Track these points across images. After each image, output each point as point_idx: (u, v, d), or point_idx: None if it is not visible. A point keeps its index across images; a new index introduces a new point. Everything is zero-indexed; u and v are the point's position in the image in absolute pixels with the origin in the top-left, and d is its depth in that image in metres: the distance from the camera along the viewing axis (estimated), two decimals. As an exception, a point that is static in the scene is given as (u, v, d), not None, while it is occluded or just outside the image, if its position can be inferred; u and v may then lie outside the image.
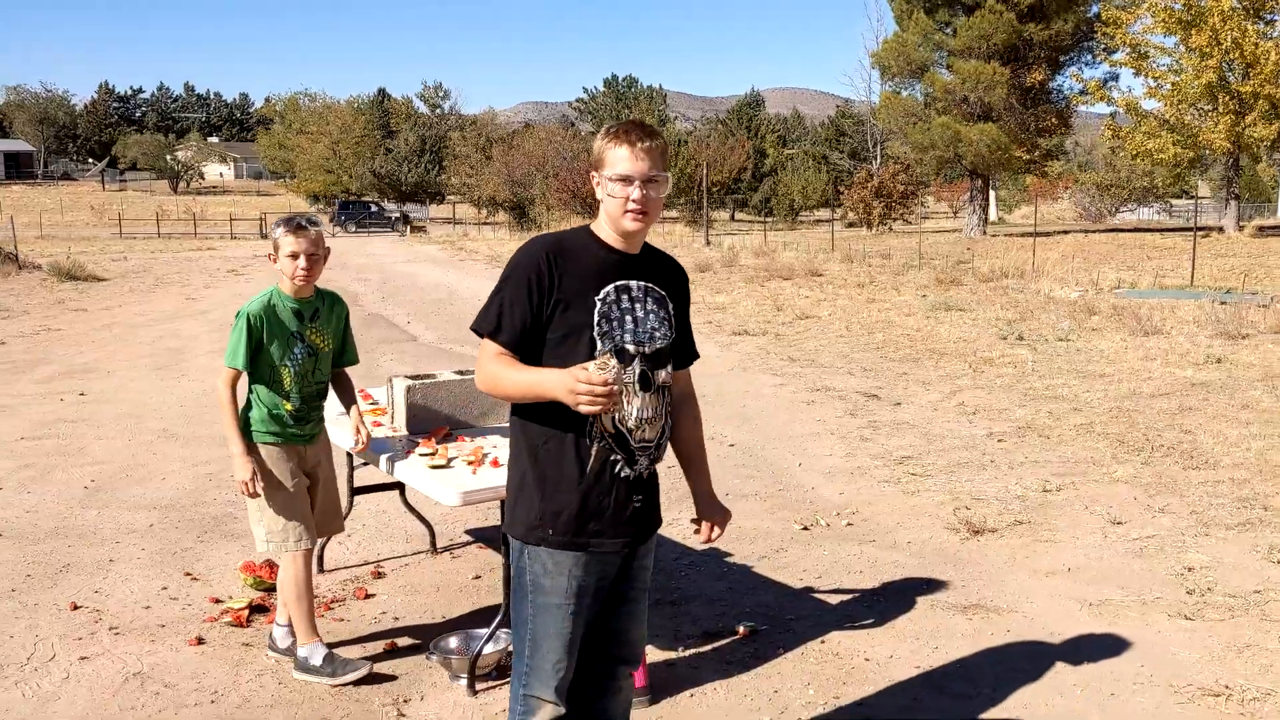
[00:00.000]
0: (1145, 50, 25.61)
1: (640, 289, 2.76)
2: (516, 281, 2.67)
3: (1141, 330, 12.44)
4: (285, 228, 4.03)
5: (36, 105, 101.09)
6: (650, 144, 2.68)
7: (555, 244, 2.71)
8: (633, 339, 2.71)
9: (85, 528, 5.95)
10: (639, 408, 2.72)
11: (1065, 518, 6.05)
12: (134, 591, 5.02)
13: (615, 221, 2.70)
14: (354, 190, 66.99)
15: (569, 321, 2.67)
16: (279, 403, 4.06)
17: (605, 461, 2.69)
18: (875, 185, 42.30)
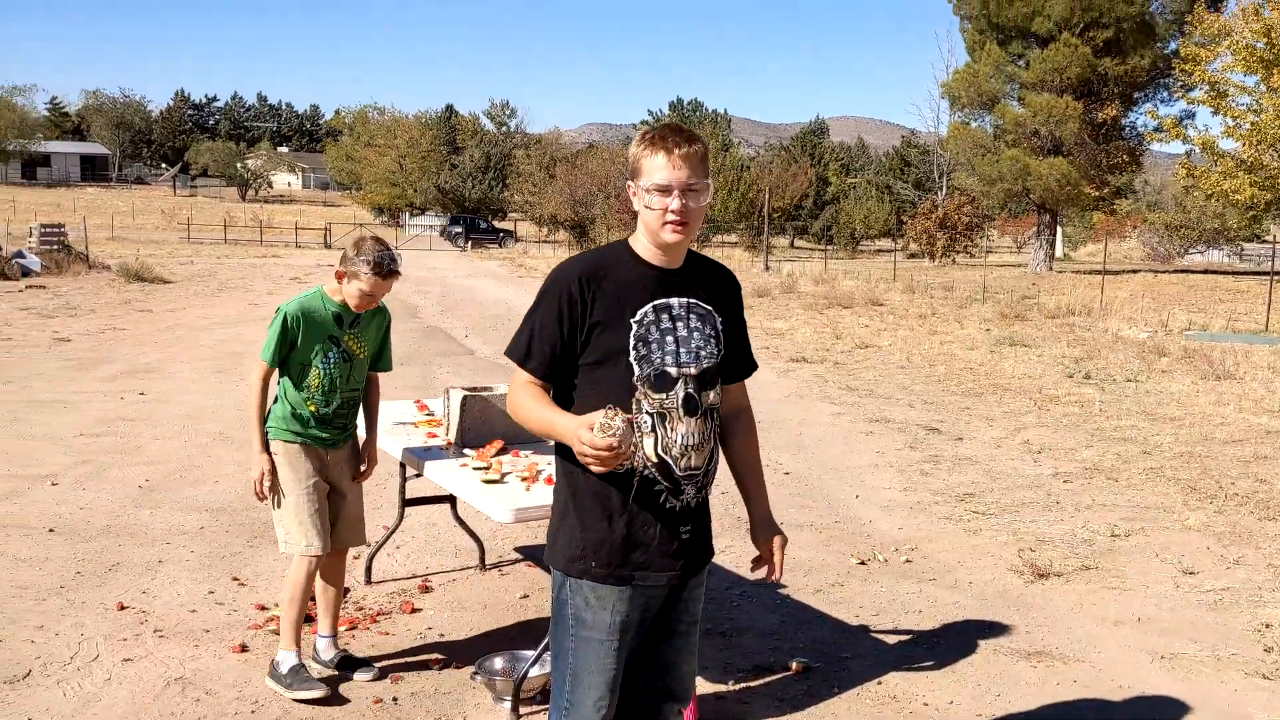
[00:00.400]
0: (1224, 89, 25.08)
1: (682, 306, 2.61)
2: (548, 307, 2.55)
3: (1214, 374, 12.08)
4: (372, 269, 3.91)
5: (114, 110, 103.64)
6: (689, 149, 2.52)
7: (589, 265, 2.57)
8: (674, 361, 2.56)
9: (137, 527, 5.95)
10: (683, 434, 2.57)
11: (1135, 565, 5.82)
12: (181, 594, 4.98)
13: (654, 234, 2.55)
14: (418, 204, 67.65)
15: (604, 345, 2.54)
16: (303, 402, 4.00)
17: (648, 491, 2.56)
18: (940, 216, 41.88)
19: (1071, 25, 33.45)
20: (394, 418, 4.96)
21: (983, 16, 35.89)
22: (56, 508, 6.24)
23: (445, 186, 66.23)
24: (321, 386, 4.01)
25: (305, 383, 3.99)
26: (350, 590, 5.10)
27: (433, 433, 4.67)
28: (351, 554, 5.56)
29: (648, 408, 2.55)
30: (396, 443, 4.52)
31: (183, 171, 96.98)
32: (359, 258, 3.92)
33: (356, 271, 3.93)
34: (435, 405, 5.15)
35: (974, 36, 37.05)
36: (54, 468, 7.13)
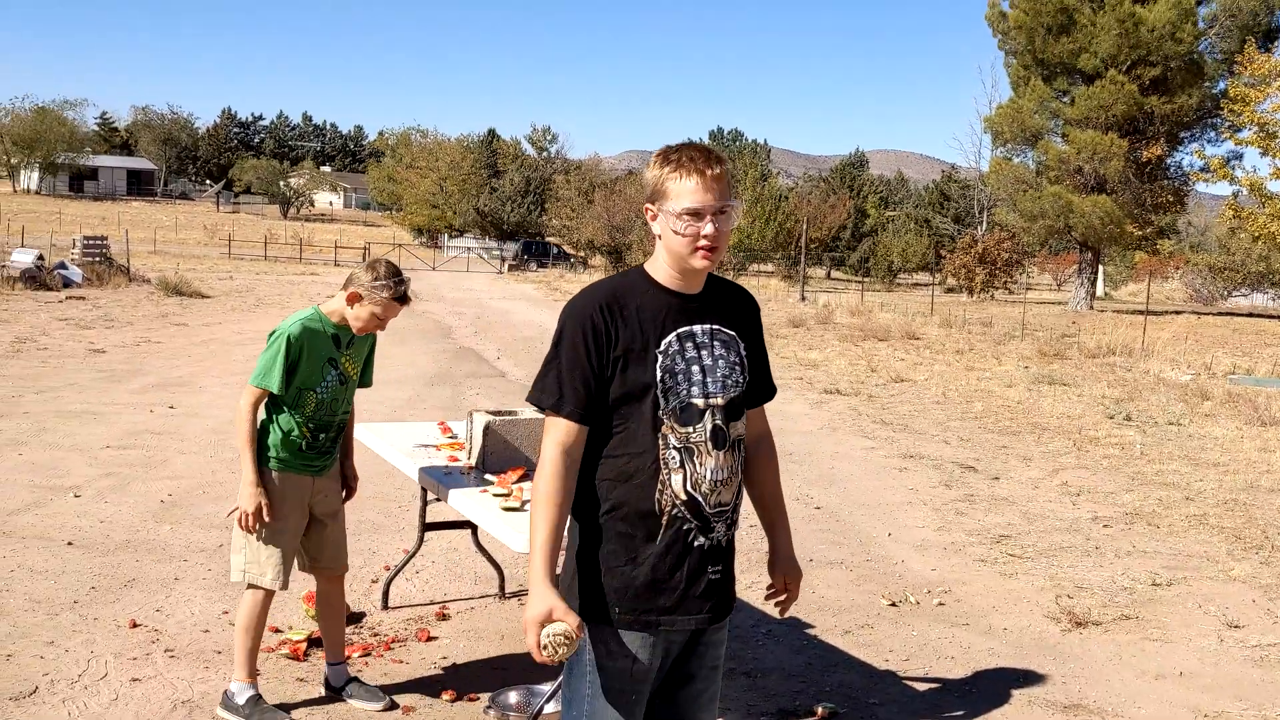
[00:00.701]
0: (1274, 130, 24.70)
1: (706, 333, 2.48)
2: (571, 342, 2.41)
3: (1259, 420, 11.79)
4: (392, 295, 3.81)
5: (162, 126, 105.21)
6: (719, 170, 2.40)
7: (608, 294, 2.43)
8: (701, 392, 2.43)
9: (156, 543, 5.88)
10: (713, 468, 2.44)
11: (1176, 616, 5.61)
12: (194, 613, 4.89)
13: (681, 260, 2.42)
14: (457, 226, 68.00)
15: (630, 380, 2.40)
16: (298, 428, 3.86)
17: (676, 531, 2.43)
18: (979, 251, 41.55)
19: (1119, 63, 33.18)
20: (416, 439, 4.86)
21: (1028, 52, 35.70)
22: (77, 520, 6.18)
23: (484, 209, 66.58)
24: (318, 411, 3.88)
25: (301, 407, 3.85)
26: (366, 615, 5.00)
27: (454, 456, 4.57)
28: (369, 579, 5.48)
29: (674, 442, 2.42)
30: (416, 464, 4.41)
31: (226, 188, 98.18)
32: (380, 283, 3.81)
33: (377, 297, 3.81)
34: (459, 428, 5.05)
35: (1018, 72, 36.83)
36: (78, 479, 7.09)
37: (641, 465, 2.41)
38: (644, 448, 2.41)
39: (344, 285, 3.90)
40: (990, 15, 36.90)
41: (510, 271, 48.24)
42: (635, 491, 2.41)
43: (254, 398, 3.79)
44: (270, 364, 3.75)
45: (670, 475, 2.41)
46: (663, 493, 2.41)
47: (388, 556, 5.85)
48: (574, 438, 2.41)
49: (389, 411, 10.20)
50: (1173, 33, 32.62)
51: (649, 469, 2.41)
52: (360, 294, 3.82)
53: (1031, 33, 34.87)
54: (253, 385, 3.79)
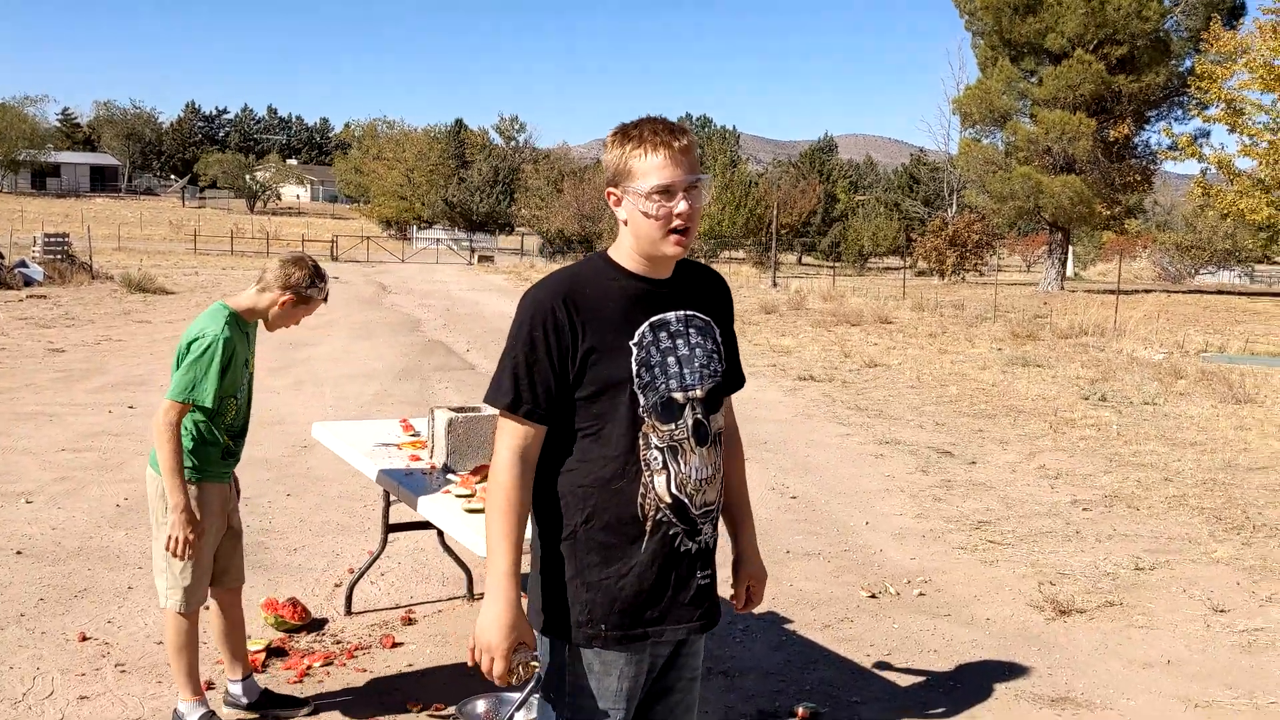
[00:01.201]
0: (1241, 106, 24.73)
1: (680, 320, 2.31)
2: (530, 338, 2.21)
3: (1233, 398, 11.75)
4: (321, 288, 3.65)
5: (125, 121, 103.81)
6: (686, 141, 2.21)
7: (569, 283, 2.24)
8: (679, 385, 2.26)
9: (109, 550, 5.66)
10: (698, 467, 2.28)
11: (1161, 601, 5.50)
12: (148, 624, 4.68)
13: (651, 244, 2.23)
14: (425, 217, 67.54)
15: (602, 376, 2.21)
16: (218, 436, 3.62)
17: (662, 536, 2.26)
18: (950, 234, 41.57)
19: (1085, 42, 33.20)
20: (377, 438, 4.67)
21: (995, 33, 35.66)
22: (27, 528, 5.95)
23: (453, 200, 66.13)
24: (237, 417, 3.67)
25: (221, 416, 3.60)
26: (329, 622, 4.81)
27: (416, 455, 4.38)
28: (333, 583, 5.29)
29: (656, 441, 2.24)
30: (376, 465, 4.22)
31: (192, 183, 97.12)
32: (318, 284, 3.64)
33: (309, 295, 3.63)
34: (421, 425, 4.86)
35: (986, 53, 36.80)
36: (30, 484, 6.86)
37: (621, 468, 2.23)
38: (622, 449, 2.23)
39: (260, 283, 3.65)
40: (957, -5, 36.87)
41: (481, 263, 47.91)
42: (615, 497, 2.23)
43: (178, 414, 3.46)
44: (203, 374, 3.46)
45: (653, 477, 2.24)
46: (645, 496, 2.24)
47: (352, 559, 5.66)
48: (531, 440, 2.24)
49: (355, 407, 9.98)
50: (1139, 10, 32.65)
51: (630, 472, 2.24)
52: (298, 294, 3.62)
53: (998, 13, 34.84)
54: (176, 400, 3.45)
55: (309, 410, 9.70)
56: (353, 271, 36.43)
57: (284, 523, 6.28)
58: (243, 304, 3.65)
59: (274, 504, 6.65)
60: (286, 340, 14.53)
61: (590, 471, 2.24)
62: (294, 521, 6.30)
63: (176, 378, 3.48)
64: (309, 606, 4.85)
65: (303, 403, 10.14)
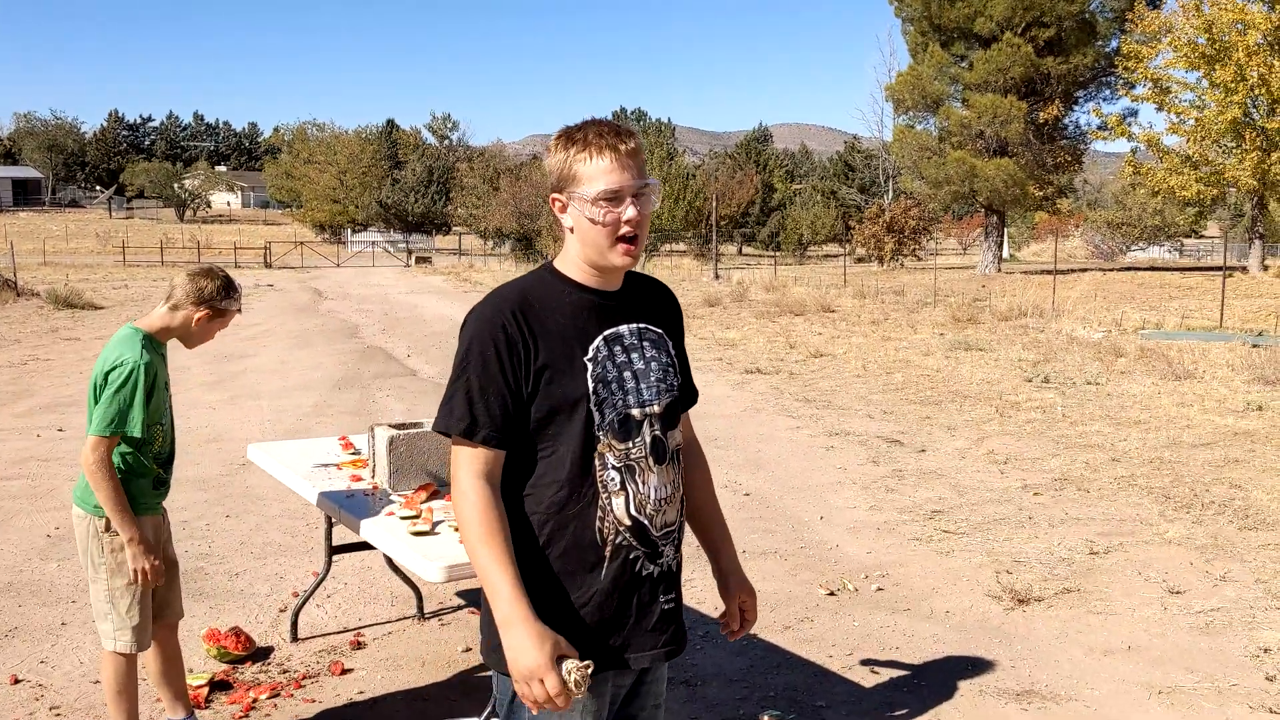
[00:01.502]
0: (1167, 85, 25.12)
1: (633, 333, 2.21)
2: (481, 357, 2.09)
3: (1173, 374, 11.89)
4: (237, 298, 3.50)
5: (46, 132, 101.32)
6: (633, 144, 2.11)
7: (519, 298, 2.12)
8: (636, 400, 2.16)
9: (41, 583, 5.42)
10: (656, 486, 2.18)
11: (1117, 585, 5.50)
12: (83, 662, 4.48)
13: (599, 253, 2.12)
14: (360, 220, 66.74)
15: (557, 394, 2.10)
16: (150, 468, 3.44)
17: (623, 561, 2.15)
18: (887, 220, 41.88)
19: (1013, 25, 33.54)
20: (315, 458, 4.49)
21: (924, 18, 35.92)
22: (-48, 564, 5.69)
23: (387, 201, 65.41)
24: (165, 442, 3.49)
25: (149, 444, 3.41)
26: (274, 650, 4.63)
27: (357, 475, 4.21)
28: (276, 608, 5.11)
29: (613, 461, 2.13)
30: (314, 487, 4.06)
31: (118, 193, 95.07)
32: (231, 294, 3.47)
33: (225, 308, 3.47)
34: (360, 442, 4.69)
35: (916, 38, 37.07)
36: (-46, 517, 6.57)
37: (576, 491, 2.12)
38: (577, 471, 2.12)
39: (170, 300, 3.47)
40: (885, -18, 37.04)
41: (418, 264, 47.41)
42: (572, 522, 2.12)
43: (108, 449, 3.27)
44: (128, 404, 3.27)
45: (611, 499, 2.13)
46: (604, 520, 2.13)
47: (296, 581, 5.48)
48: (492, 465, 2.11)
49: (294, 420, 9.74)
50: (1065, -9, 33.06)
51: (586, 495, 2.13)
52: (213, 308, 3.45)
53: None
54: (104, 435, 3.25)
55: (246, 426, 9.45)
56: (287, 278, 35.85)
57: (224, 546, 6.07)
58: (155, 324, 3.46)
59: (212, 526, 6.44)
60: (221, 353, 14.21)
61: (546, 497, 2.13)
62: (234, 544, 6.10)
63: (99, 411, 3.27)
64: (253, 635, 4.67)
65: (239, 418, 9.88)
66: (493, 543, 2.04)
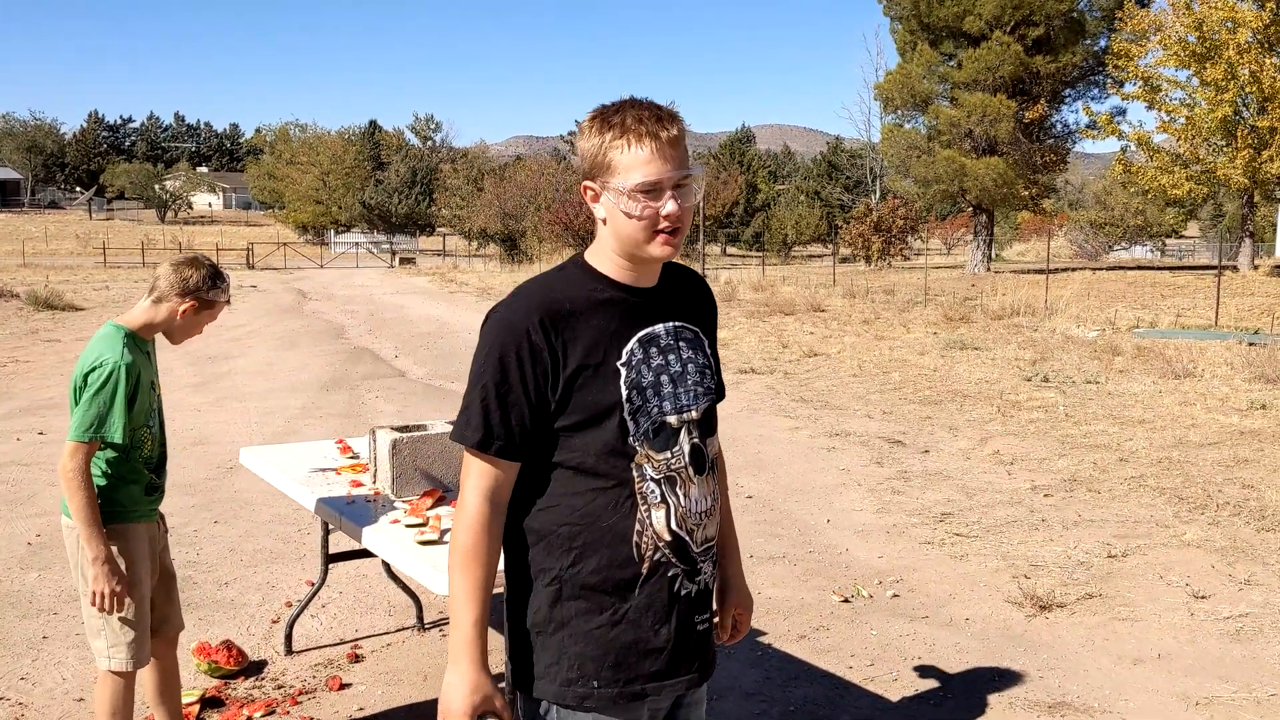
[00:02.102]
0: (1157, 84, 25.02)
1: (669, 333, 2.03)
2: (501, 365, 1.90)
3: (1172, 373, 11.76)
4: (225, 288, 3.27)
5: (25, 133, 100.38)
6: (676, 131, 1.91)
7: (546, 299, 1.93)
8: (674, 406, 1.98)
9: (21, 594, 5.18)
10: (697, 498, 2.00)
11: (1140, 589, 5.32)
12: (66, 678, 4.25)
13: (635, 246, 1.93)
14: (343, 221, 66.34)
15: (589, 403, 1.91)
16: (138, 472, 3.21)
17: (660, 579, 1.97)
18: (875, 220, 41.77)
19: (1003, 24, 33.45)
20: (312, 463, 4.27)
21: (913, 17, 35.79)
22: (-73, 574, 5.45)
23: (370, 202, 65.02)
24: (155, 445, 3.27)
25: (136, 449, 3.19)
26: (268, 664, 4.41)
27: (357, 480, 4.00)
28: (269, 619, 4.89)
29: (652, 472, 1.95)
30: (312, 493, 3.84)
31: (98, 195, 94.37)
32: (218, 284, 3.25)
33: (211, 299, 3.25)
34: (360, 445, 4.48)
35: (905, 37, 36.93)
36: (-70, 525, 6.32)
37: (611, 503, 1.94)
38: (614, 482, 1.94)
39: (154, 293, 3.25)
40: (874, -20, 36.95)
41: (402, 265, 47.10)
42: (607, 535, 1.94)
43: (85, 456, 3.04)
44: (108, 407, 3.04)
45: (650, 513, 1.95)
46: (642, 534, 1.95)
47: (289, 590, 5.26)
48: (503, 481, 1.94)
49: (283, 423, 9.50)
50: (1054, -9, 33.00)
51: (623, 507, 1.95)
52: (199, 299, 3.23)
53: (916, -3, 34.99)
54: (82, 441, 3.02)
55: (233, 428, 9.21)
56: (270, 279, 35.48)
57: (213, 553, 5.84)
58: (137, 320, 3.24)
59: (201, 533, 6.20)
60: (205, 354, 13.94)
61: (576, 507, 1.95)
62: (223, 552, 5.87)
63: (77, 415, 3.05)
64: (245, 648, 4.45)
65: (226, 420, 9.63)
66: (471, 571, 1.91)
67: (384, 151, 72.81)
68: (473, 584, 1.90)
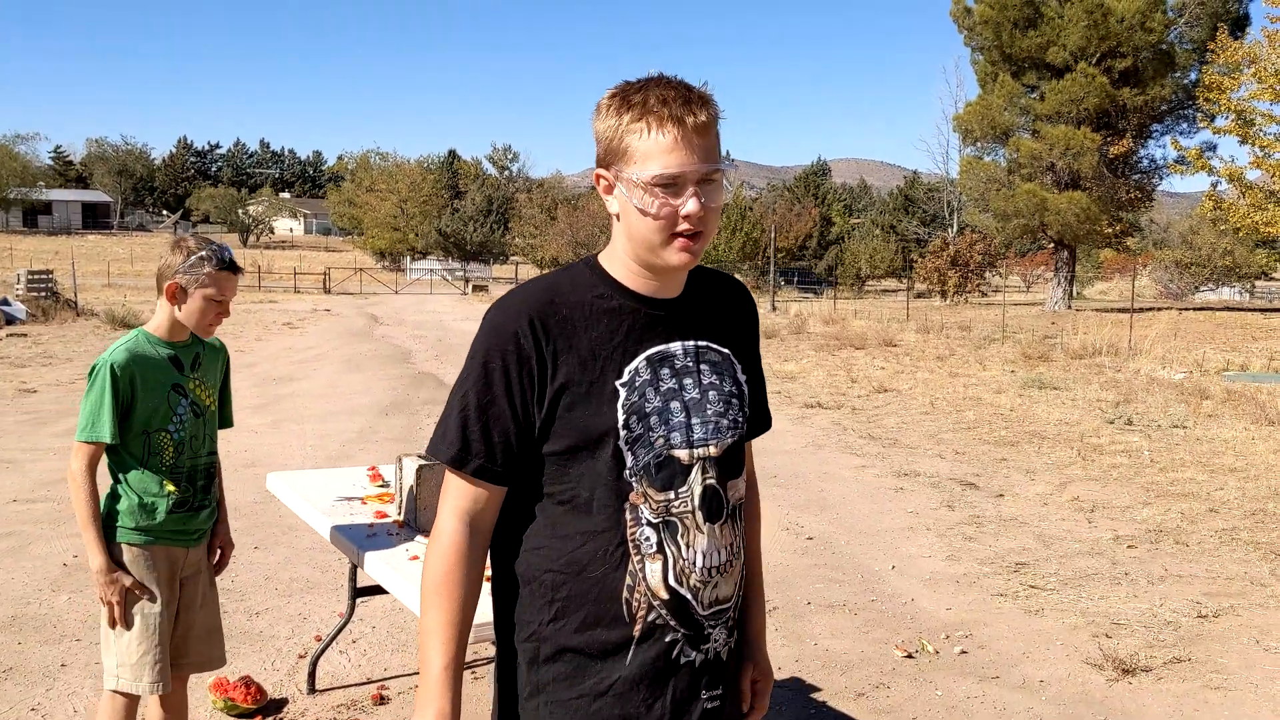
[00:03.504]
0: (1251, 117, 24.17)
1: (688, 353, 1.73)
2: (485, 372, 1.65)
3: (1266, 419, 11.14)
4: (219, 265, 3.01)
5: (116, 158, 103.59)
6: (705, 116, 1.61)
7: (542, 300, 1.67)
8: (684, 439, 1.68)
9: (47, 618, 5.02)
10: (704, 550, 1.69)
11: (1233, 654, 4.87)
12: (79, 709, 4.05)
13: (650, 250, 1.65)
14: (419, 248, 67.09)
15: (578, 426, 1.64)
16: (159, 486, 3.00)
17: (655, 645, 1.68)
18: (951, 254, 41.03)
19: (1088, 55, 32.73)
20: (339, 490, 4.04)
21: (995, 47, 35.18)
22: (-42, 593, 5.31)
23: (446, 230, 65.70)
24: (180, 455, 3.03)
25: (154, 456, 2.99)
26: (288, 703, 4.17)
27: (382, 511, 3.75)
28: (296, 653, 4.66)
29: (648, 515, 1.65)
30: (331, 523, 3.60)
31: (184, 218, 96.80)
32: (196, 257, 3.00)
33: (200, 275, 3.00)
34: (388, 473, 4.24)
35: (986, 68, 36.33)
36: (-29, 542, 6.22)
37: (599, 550, 1.65)
38: (603, 525, 1.65)
39: (157, 288, 3.08)
40: (955, 11, 36.40)
41: (475, 292, 47.36)
42: (593, 589, 1.66)
43: (88, 458, 2.91)
44: (97, 407, 2.90)
45: (645, 564, 1.65)
46: (634, 590, 1.65)
47: (320, 623, 5.02)
48: (482, 503, 1.67)
49: (338, 446, 9.35)
50: (1142, 22, 32.20)
51: (612, 556, 1.65)
52: (180, 283, 3.01)
53: (998, 27, 34.37)
54: (80, 441, 2.92)
55: (286, 451, 9.08)
56: (345, 303, 35.84)
57: (248, 580, 5.64)
58: (156, 319, 3.09)
59: (239, 558, 6.00)
60: (271, 375, 13.94)
61: (560, 552, 1.67)
62: (259, 579, 5.67)
63: (80, 416, 2.94)
64: (265, 685, 4.22)
65: (280, 443, 9.51)
66: (444, 604, 1.64)
67: (461, 180, 73.75)
68: (445, 619, 1.64)
